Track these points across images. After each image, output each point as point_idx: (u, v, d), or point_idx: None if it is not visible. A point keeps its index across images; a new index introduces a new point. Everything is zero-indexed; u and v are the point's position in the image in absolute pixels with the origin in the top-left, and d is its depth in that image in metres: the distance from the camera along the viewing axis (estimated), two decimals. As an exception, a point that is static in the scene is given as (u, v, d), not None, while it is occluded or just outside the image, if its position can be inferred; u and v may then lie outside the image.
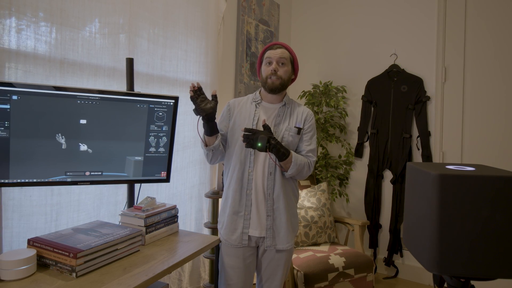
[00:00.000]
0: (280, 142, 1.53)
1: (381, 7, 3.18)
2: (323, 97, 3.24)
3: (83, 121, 1.47)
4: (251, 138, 1.47)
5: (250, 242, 1.62)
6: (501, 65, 2.68)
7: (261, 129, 1.61)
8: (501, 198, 0.86)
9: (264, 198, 1.60)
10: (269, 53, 1.62)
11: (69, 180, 1.47)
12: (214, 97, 1.52)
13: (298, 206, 2.63)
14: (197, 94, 1.47)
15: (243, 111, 1.67)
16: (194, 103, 1.48)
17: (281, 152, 1.50)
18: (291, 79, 1.68)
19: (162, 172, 1.73)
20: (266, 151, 1.49)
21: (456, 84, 2.85)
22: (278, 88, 1.61)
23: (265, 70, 1.63)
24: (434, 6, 2.93)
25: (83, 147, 1.50)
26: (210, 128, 1.53)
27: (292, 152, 1.57)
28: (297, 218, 1.72)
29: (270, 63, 1.62)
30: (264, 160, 1.61)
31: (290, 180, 1.66)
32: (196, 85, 1.47)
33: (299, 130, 1.65)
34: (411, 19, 3.04)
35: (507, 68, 2.66)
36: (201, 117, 1.50)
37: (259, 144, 1.46)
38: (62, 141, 1.44)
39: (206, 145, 1.58)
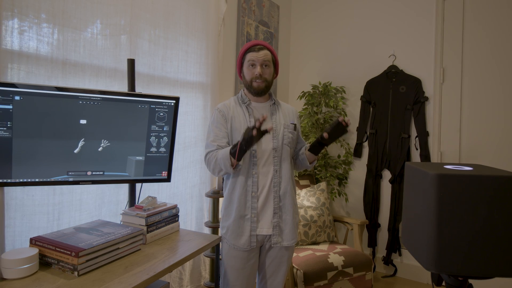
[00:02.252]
0: None
1: (380, 9, 3.20)
2: (323, 97, 3.25)
3: (84, 121, 1.49)
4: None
5: (257, 242, 1.62)
6: (499, 66, 2.70)
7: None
8: (499, 198, 0.87)
9: (271, 196, 1.60)
10: (251, 56, 1.59)
11: (71, 179, 1.49)
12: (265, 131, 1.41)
13: (298, 205, 2.64)
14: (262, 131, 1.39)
15: (236, 115, 1.64)
16: (255, 139, 1.38)
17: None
18: (273, 78, 1.68)
19: (163, 172, 1.75)
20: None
21: (454, 84, 2.87)
22: (263, 91, 1.62)
23: (249, 73, 1.61)
24: (432, 8, 2.95)
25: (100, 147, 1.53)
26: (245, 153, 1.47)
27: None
28: (298, 215, 1.75)
29: (253, 65, 1.59)
30: (267, 158, 1.60)
31: (292, 177, 1.69)
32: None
33: (294, 126, 1.70)
34: (409, 21, 3.06)
35: (504, 69, 2.68)
36: (243, 145, 1.41)
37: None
38: (80, 144, 1.48)
39: (234, 167, 1.50)
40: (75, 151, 1.47)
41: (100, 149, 1.54)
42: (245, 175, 1.59)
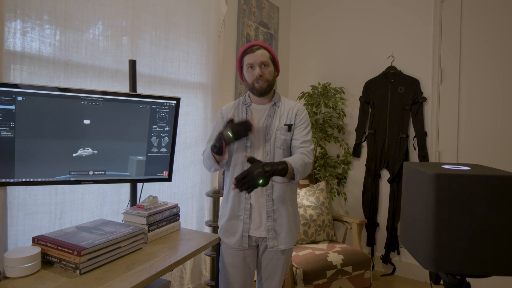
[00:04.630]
0: (271, 162, 1.41)
1: (379, 11, 3.22)
2: (322, 98, 3.27)
3: (86, 122, 1.50)
4: (247, 182, 1.33)
5: (250, 242, 1.63)
6: (496, 67, 2.72)
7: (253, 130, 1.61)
8: (496, 197, 0.87)
9: (264, 199, 1.61)
10: (248, 58, 1.57)
11: (73, 179, 1.50)
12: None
13: (297, 207, 2.65)
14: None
15: (236, 116, 1.66)
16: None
17: (279, 169, 1.39)
18: (275, 77, 1.67)
19: (164, 172, 1.76)
20: (269, 182, 1.39)
21: (452, 85, 2.89)
22: (267, 91, 1.61)
23: (249, 75, 1.60)
24: (430, 10, 2.97)
25: (87, 151, 1.53)
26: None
27: (287, 160, 1.46)
28: (298, 217, 1.73)
29: (252, 67, 1.58)
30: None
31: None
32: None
33: (289, 127, 1.63)
34: (408, 22, 3.08)
35: (502, 69, 2.70)
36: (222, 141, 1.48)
37: (261, 181, 1.33)
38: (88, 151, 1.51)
39: (219, 163, 1.56)
40: (74, 155, 1.49)
41: (79, 153, 1.54)
42: None
